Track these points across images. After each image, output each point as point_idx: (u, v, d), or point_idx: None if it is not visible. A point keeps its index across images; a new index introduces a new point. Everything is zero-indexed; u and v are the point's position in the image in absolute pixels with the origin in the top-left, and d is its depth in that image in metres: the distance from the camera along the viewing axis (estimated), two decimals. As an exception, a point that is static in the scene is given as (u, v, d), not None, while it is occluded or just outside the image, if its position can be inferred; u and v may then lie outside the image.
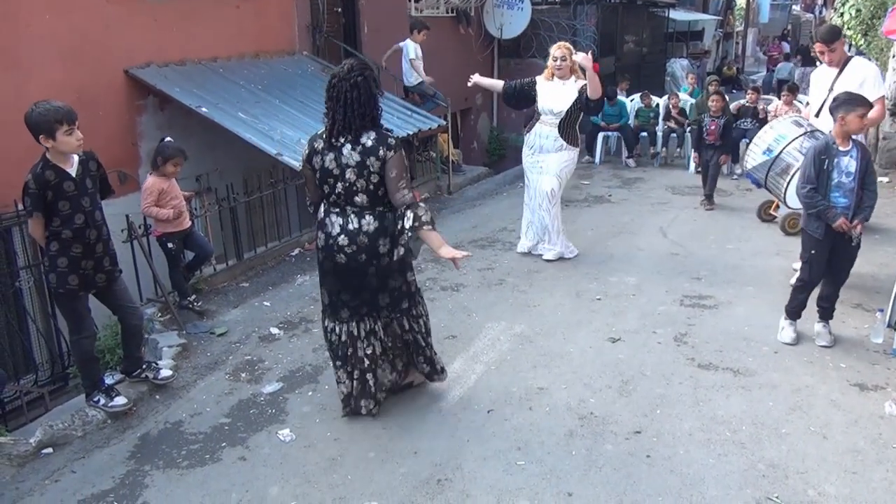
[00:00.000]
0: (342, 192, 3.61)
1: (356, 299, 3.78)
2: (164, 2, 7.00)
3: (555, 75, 6.09)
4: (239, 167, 7.25)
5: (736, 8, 24.44)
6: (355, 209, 3.63)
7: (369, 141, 3.55)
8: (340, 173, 3.59)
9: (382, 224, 3.65)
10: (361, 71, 3.60)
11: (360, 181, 3.57)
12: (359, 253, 3.65)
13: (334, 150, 3.58)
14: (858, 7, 9.18)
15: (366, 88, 3.57)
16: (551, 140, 6.11)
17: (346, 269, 3.70)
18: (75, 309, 3.99)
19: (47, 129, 3.64)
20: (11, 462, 3.67)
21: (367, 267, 3.68)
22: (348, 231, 3.64)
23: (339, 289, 3.77)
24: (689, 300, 5.52)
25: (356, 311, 3.80)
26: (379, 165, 3.56)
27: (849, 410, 3.97)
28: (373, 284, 3.75)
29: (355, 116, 3.54)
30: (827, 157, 4.52)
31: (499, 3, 12.38)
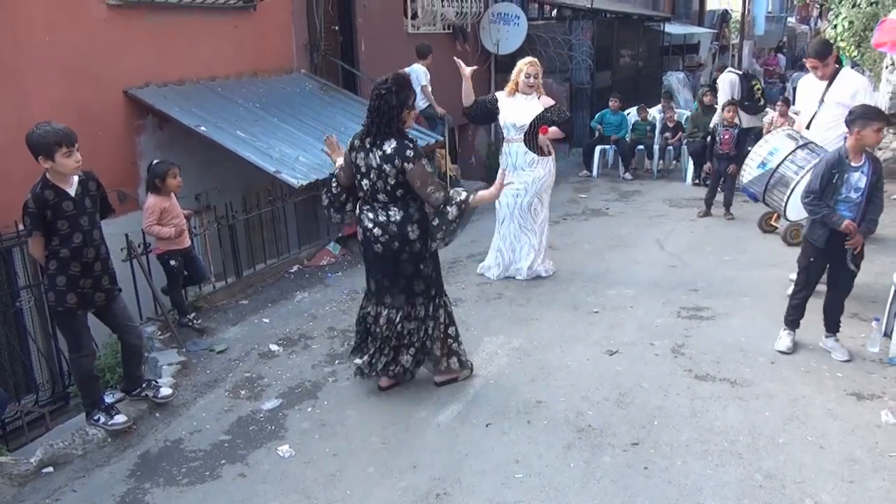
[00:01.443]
0: (367, 189, 4.04)
1: (396, 286, 4.13)
2: (163, 22, 7.06)
3: (518, 91, 6.04)
4: (238, 185, 7.29)
5: (731, 21, 24.56)
6: (379, 204, 4.03)
7: (389, 148, 3.92)
8: (366, 172, 4.00)
9: (407, 212, 4.02)
10: (389, 85, 3.95)
11: (379, 182, 3.97)
12: (392, 241, 4.03)
13: (365, 150, 3.99)
14: (851, 19, 9.25)
15: (387, 100, 3.91)
16: (521, 155, 6.04)
17: (383, 258, 4.08)
18: (74, 327, 4.02)
19: (46, 151, 3.69)
20: (12, 481, 3.69)
21: (400, 253, 4.05)
22: (379, 222, 4.04)
23: (380, 276, 4.17)
24: (687, 312, 5.54)
25: (396, 297, 4.15)
26: (395, 173, 3.92)
27: (845, 420, 3.98)
28: (409, 270, 4.10)
29: (380, 123, 3.93)
30: (838, 172, 4.51)
31: (495, 19, 12.46)
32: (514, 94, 6.08)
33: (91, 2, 6.37)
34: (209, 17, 7.60)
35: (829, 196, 4.55)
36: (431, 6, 11.08)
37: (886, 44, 6.82)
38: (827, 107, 5.53)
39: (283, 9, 8.41)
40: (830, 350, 4.72)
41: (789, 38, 30.11)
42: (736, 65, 23.19)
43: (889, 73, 9.11)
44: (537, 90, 6.06)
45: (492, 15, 12.45)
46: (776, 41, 27.23)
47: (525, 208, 6.13)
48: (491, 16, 12.45)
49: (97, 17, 6.44)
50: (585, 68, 13.06)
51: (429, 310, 4.25)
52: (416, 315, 4.23)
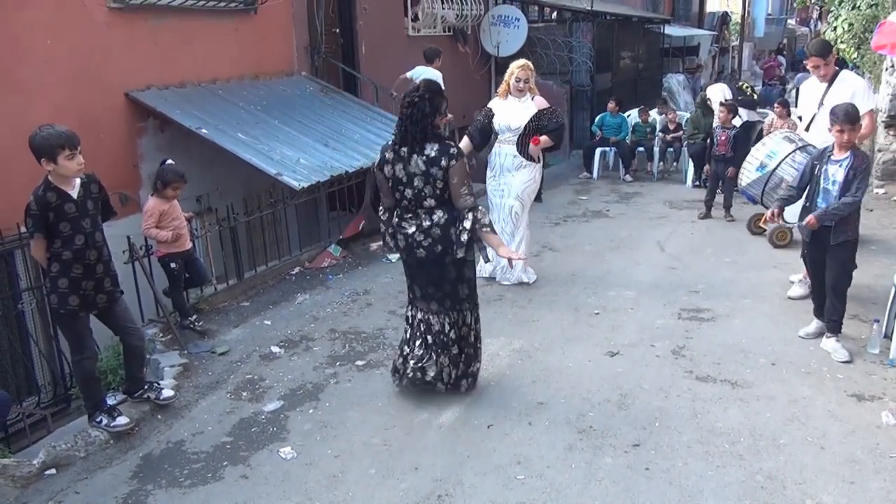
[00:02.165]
0: (412, 198, 4.02)
1: (441, 291, 4.14)
2: (164, 25, 7.09)
3: (510, 94, 6.03)
4: (239, 187, 7.32)
5: (731, 23, 24.61)
6: (424, 210, 4.02)
7: (433, 152, 3.95)
8: (408, 181, 3.99)
9: (452, 215, 4.01)
10: (422, 92, 4.02)
11: (427, 187, 3.98)
12: (435, 244, 4.01)
13: (402, 160, 3.99)
14: (851, 21, 9.27)
15: (420, 108, 3.97)
16: (510, 158, 6.02)
17: (427, 262, 4.08)
18: (76, 329, 4.03)
19: (49, 153, 3.70)
20: (15, 483, 3.70)
21: (444, 257, 4.04)
22: (423, 228, 4.02)
23: (425, 283, 4.17)
24: (687, 313, 5.55)
25: (442, 302, 4.16)
26: (442, 174, 3.94)
27: (846, 421, 3.99)
28: (452, 275, 4.12)
29: (415, 130, 3.96)
30: (818, 163, 4.75)
31: (495, 21, 12.50)
32: (507, 95, 6.08)
33: (92, 5, 6.40)
34: (210, 20, 7.63)
35: (812, 189, 4.76)
36: (432, 9, 11.10)
37: (886, 46, 6.84)
38: (826, 109, 5.53)
39: (283, 11, 8.43)
40: (831, 351, 4.73)
41: (789, 40, 30.18)
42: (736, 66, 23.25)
43: (889, 75, 9.12)
44: (531, 92, 6.04)
45: (492, 17, 12.49)
46: (776, 43, 27.29)
47: (507, 211, 6.10)
48: (491, 18, 12.49)
49: (99, 20, 6.47)
50: (585, 70, 13.09)
51: (475, 315, 4.30)
52: (465, 321, 4.23)
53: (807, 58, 5.81)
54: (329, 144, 7.37)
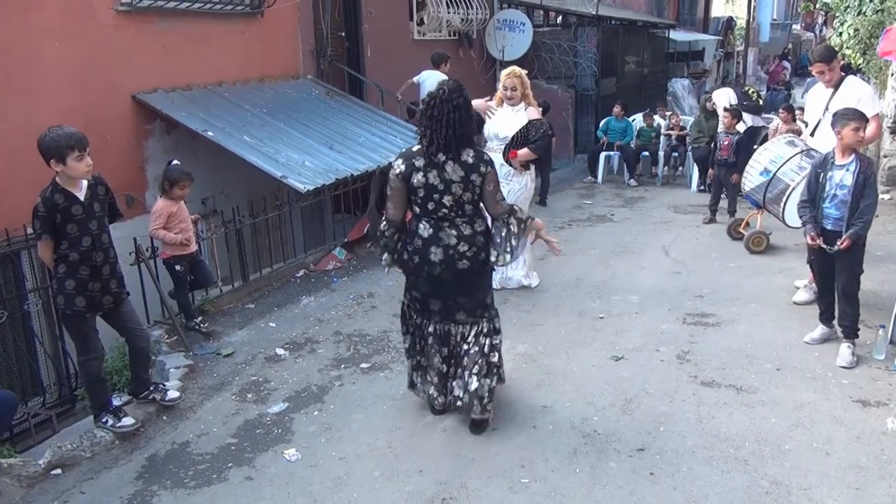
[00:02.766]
0: (452, 205, 3.76)
1: (473, 300, 3.95)
2: (171, 28, 7.11)
3: (504, 103, 5.99)
4: (244, 190, 7.34)
5: (736, 28, 24.59)
6: (464, 218, 3.81)
7: (469, 158, 3.76)
8: (445, 188, 3.74)
9: (486, 225, 3.91)
10: (461, 93, 3.80)
11: (466, 194, 3.76)
12: (479, 252, 3.85)
13: (437, 166, 3.73)
14: (857, 26, 9.27)
15: (466, 110, 3.77)
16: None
17: (467, 273, 3.85)
18: (83, 330, 4.05)
19: (58, 155, 3.72)
20: (21, 483, 3.71)
21: (484, 265, 3.91)
22: (465, 236, 3.80)
23: (455, 293, 3.91)
24: (692, 318, 5.55)
25: (472, 312, 3.97)
26: (480, 180, 3.77)
27: (851, 426, 3.99)
28: (486, 283, 4.01)
29: (456, 136, 3.72)
30: (822, 170, 4.73)
31: (501, 25, 12.51)
32: (503, 103, 6.04)
33: (100, 8, 6.43)
34: (217, 23, 7.66)
35: (818, 195, 4.72)
36: (437, 13, 11.12)
37: (892, 52, 6.83)
38: (831, 114, 5.54)
39: (290, 15, 8.46)
40: (839, 355, 4.72)
41: (794, 46, 30.15)
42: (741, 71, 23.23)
43: (895, 81, 9.12)
44: (525, 101, 5.96)
45: (497, 22, 12.50)
46: (781, 48, 27.24)
47: None
48: (496, 22, 12.50)
49: (106, 23, 6.49)
50: (590, 75, 13.09)
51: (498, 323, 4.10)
52: (496, 328, 4.06)
53: (811, 63, 5.82)
54: (334, 147, 7.38)
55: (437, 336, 4.02)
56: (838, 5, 10.02)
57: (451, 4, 11.34)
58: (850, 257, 4.65)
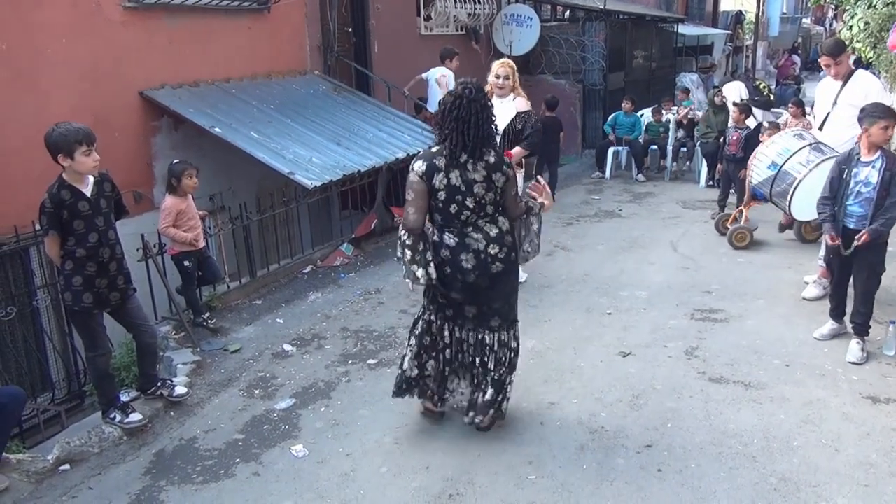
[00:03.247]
0: (473, 206, 3.64)
1: (507, 304, 3.85)
2: (178, 24, 7.12)
3: (495, 94, 5.89)
4: (252, 186, 7.34)
5: (745, 22, 24.45)
6: (487, 218, 3.70)
7: (492, 158, 3.67)
8: (468, 189, 3.62)
9: (510, 225, 3.80)
10: (485, 92, 3.75)
11: (489, 194, 3.66)
12: (510, 252, 3.75)
13: (459, 166, 3.62)
14: (867, 20, 9.18)
15: (490, 110, 3.69)
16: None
17: (501, 275, 3.73)
18: (90, 327, 4.06)
19: (67, 149, 3.74)
20: (30, 478, 3.73)
21: (515, 264, 3.84)
22: (493, 237, 3.68)
23: (487, 299, 3.77)
24: (700, 314, 5.53)
25: (506, 318, 3.86)
26: (504, 180, 3.69)
27: (861, 423, 3.96)
28: (516, 283, 3.91)
29: (482, 136, 3.63)
30: (846, 167, 4.65)
31: (508, 20, 12.47)
32: (492, 96, 5.87)
33: (107, 4, 6.43)
34: (224, 19, 7.66)
35: (842, 191, 4.64)
36: (445, 8, 11.09)
37: (903, 45, 6.78)
38: (840, 108, 5.51)
39: (296, 11, 8.45)
40: (849, 351, 4.69)
41: (804, 40, 29.96)
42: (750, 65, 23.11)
43: (905, 75, 9.04)
44: (514, 91, 5.93)
45: (505, 16, 12.46)
46: (791, 42, 27.10)
47: None
48: (504, 17, 12.46)
49: (113, 20, 6.50)
50: (598, 69, 13.04)
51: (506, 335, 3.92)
52: (517, 334, 3.97)
53: (820, 57, 5.79)
54: (342, 143, 7.37)
55: (468, 344, 3.86)
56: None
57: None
58: (871, 255, 4.59)
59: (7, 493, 3.60)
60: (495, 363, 3.85)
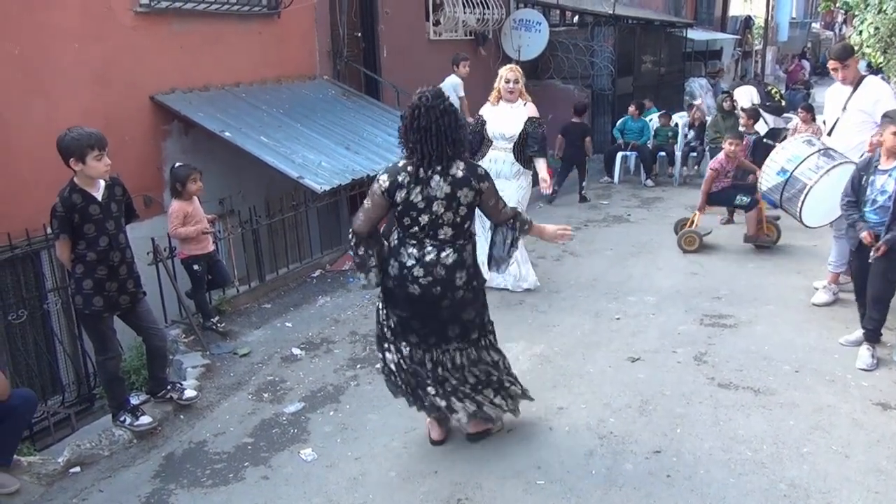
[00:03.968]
0: (426, 225, 3.46)
1: (426, 328, 3.63)
2: (189, 29, 7.16)
3: (502, 99, 5.99)
4: (261, 190, 7.37)
5: (754, 27, 24.41)
6: (435, 242, 3.50)
7: (459, 172, 3.45)
8: (426, 206, 3.44)
9: (461, 256, 3.53)
10: (444, 97, 3.50)
11: (447, 213, 3.45)
12: (434, 285, 3.49)
13: (422, 182, 3.43)
14: (877, 25, 9.15)
15: (454, 113, 3.48)
16: (508, 165, 5.96)
17: (419, 300, 3.54)
18: (100, 330, 4.08)
19: (79, 154, 3.77)
20: (40, 480, 3.75)
21: (441, 300, 3.53)
22: (425, 263, 3.49)
23: (409, 316, 3.62)
24: (709, 319, 5.51)
25: (424, 339, 3.65)
26: (472, 196, 3.48)
27: (871, 430, 3.94)
28: (444, 316, 3.59)
29: (449, 144, 3.42)
30: (865, 174, 4.64)
31: (517, 25, 12.49)
32: (499, 101, 6.03)
33: (119, 9, 6.48)
34: (234, 24, 7.70)
35: (860, 199, 4.64)
36: (454, 13, 11.12)
37: (913, 50, 6.75)
38: (849, 113, 5.50)
39: (306, 16, 8.49)
40: (858, 356, 4.66)
41: (813, 44, 29.87)
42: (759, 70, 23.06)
43: (916, 80, 9.00)
44: (521, 96, 5.99)
45: (513, 21, 12.49)
46: (800, 47, 27.03)
47: None
48: (513, 22, 12.49)
49: (125, 25, 6.55)
50: (607, 74, 13.04)
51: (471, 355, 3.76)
52: (454, 361, 3.72)
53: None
54: (351, 148, 7.40)
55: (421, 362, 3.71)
56: (858, 3, 9.89)
57: (467, 4, 11.34)
58: (885, 262, 4.55)
59: (18, 496, 3.62)
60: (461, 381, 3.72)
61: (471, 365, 3.76)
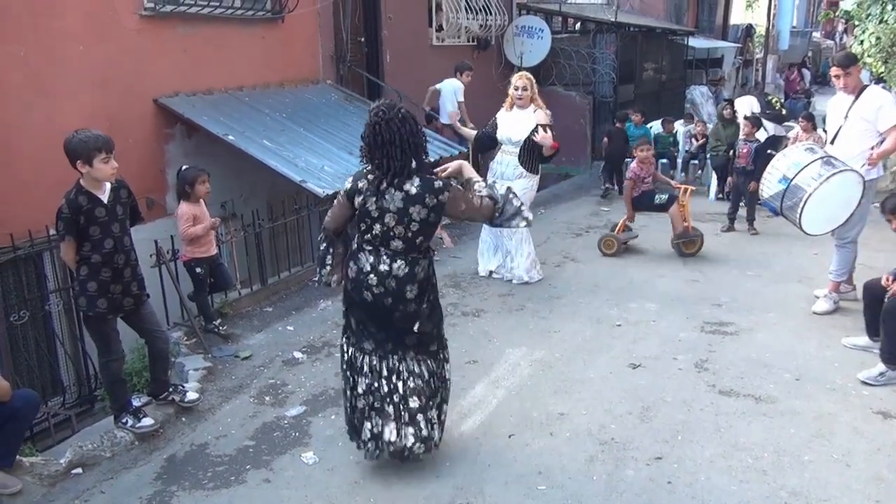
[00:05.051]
0: (378, 235, 3.49)
1: (381, 332, 3.61)
2: (193, 33, 7.19)
3: (514, 105, 6.34)
4: (263, 193, 7.39)
5: (755, 35, 24.45)
6: (388, 252, 3.51)
7: (413, 188, 3.43)
8: (379, 216, 3.46)
9: (413, 270, 3.53)
10: (399, 107, 3.47)
11: (398, 227, 3.46)
12: (385, 296, 3.51)
13: (377, 194, 3.45)
14: (878, 35, 9.21)
15: (412, 119, 3.48)
16: (511, 168, 6.36)
17: (372, 307, 3.56)
18: (104, 332, 4.09)
19: (86, 156, 3.78)
20: (42, 481, 3.75)
21: (392, 311, 3.54)
22: (378, 272, 3.51)
23: (364, 319, 3.63)
24: (710, 326, 5.52)
25: (381, 344, 3.62)
26: (426, 213, 3.45)
27: (872, 438, 3.95)
28: (398, 326, 3.58)
29: (413, 152, 3.43)
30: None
31: (519, 32, 12.53)
32: (512, 107, 6.39)
33: (123, 13, 6.51)
34: (238, 28, 7.73)
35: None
36: (456, 19, 11.16)
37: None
38: (851, 122, 5.51)
39: (310, 21, 8.52)
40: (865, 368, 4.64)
41: (814, 53, 29.92)
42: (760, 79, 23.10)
43: (916, 90, 9.04)
44: (534, 102, 6.31)
45: (516, 28, 12.52)
46: (801, 56, 27.05)
47: None
48: (515, 29, 12.52)
49: (129, 28, 6.57)
50: (608, 81, 13.07)
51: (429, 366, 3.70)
52: (412, 370, 3.64)
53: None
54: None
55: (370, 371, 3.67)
56: (859, 13, 9.95)
57: (469, 10, 11.38)
58: None
59: (20, 496, 3.62)
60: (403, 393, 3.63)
61: (429, 375, 3.68)
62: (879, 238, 6.84)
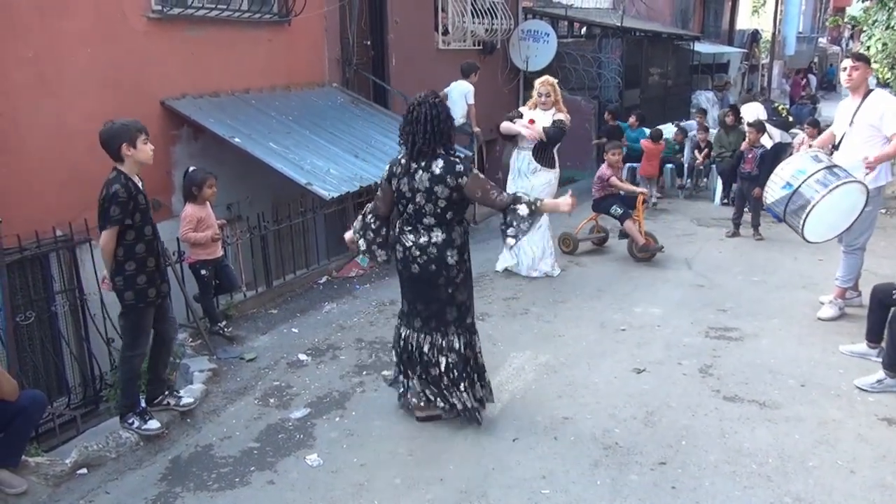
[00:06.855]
0: (413, 213, 3.94)
1: (428, 310, 4.04)
2: (200, 35, 7.21)
3: (538, 107, 6.66)
4: (269, 196, 7.40)
5: (761, 41, 24.43)
6: (424, 226, 3.94)
7: (437, 168, 3.85)
8: (412, 196, 3.91)
9: (450, 236, 3.95)
10: (437, 95, 4.00)
11: (428, 205, 3.89)
12: (429, 263, 3.94)
13: (408, 175, 3.90)
14: (885, 41, 9.21)
15: (444, 107, 3.94)
16: (526, 163, 6.72)
17: (420, 279, 3.99)
18: (143, 324, 4.13)
19: (129, 138, 3.87)
20: (48, 481, 3.76)
21: (437, 277, 3.96)
22: (420, 244, 3.95)
23: (414, 297, 4.09)
24: (715, 332, 5.52)
25: (427, 322, 4.06)
26: (448, 192, 3.86)
27: (877, 445, 3.94)
28: (443, 296, 4.00)
29: (436, 135, 3.85)
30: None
31: (525, 36, 12.54)
32: (535, 107, 6.70)
33: (131, 15, 6.53)
34: (245, 31, 7.75)
35: None
36: (462, 23, 11.18)
37: (921, 67, 6.78)
38: (856, 128, 5.51)
39: (316, 24, 8.54)
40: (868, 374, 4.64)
41: (820, 59, 29.90)
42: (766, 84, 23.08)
43: (923, 96, 9.02)
44: (556, 106, 6.62)
45: (522, 32, 12.54)
46: (807, 61, 27.04)
47: None
48: (521, 33, 12.53)
49: (137, 30, 6.59)
50: (614, 86, 13.08)
51: (466, 339, 4.11)
52: (452, 346, 4.07)
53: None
54: (359, 155, 7.43)
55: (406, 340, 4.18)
56: (866, 19, 9.96)
57: (475, 14, 11.40)
58: None
59: (25, 496, 3.63)
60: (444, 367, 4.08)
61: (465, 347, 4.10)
62: (885, 245, 6.83)
